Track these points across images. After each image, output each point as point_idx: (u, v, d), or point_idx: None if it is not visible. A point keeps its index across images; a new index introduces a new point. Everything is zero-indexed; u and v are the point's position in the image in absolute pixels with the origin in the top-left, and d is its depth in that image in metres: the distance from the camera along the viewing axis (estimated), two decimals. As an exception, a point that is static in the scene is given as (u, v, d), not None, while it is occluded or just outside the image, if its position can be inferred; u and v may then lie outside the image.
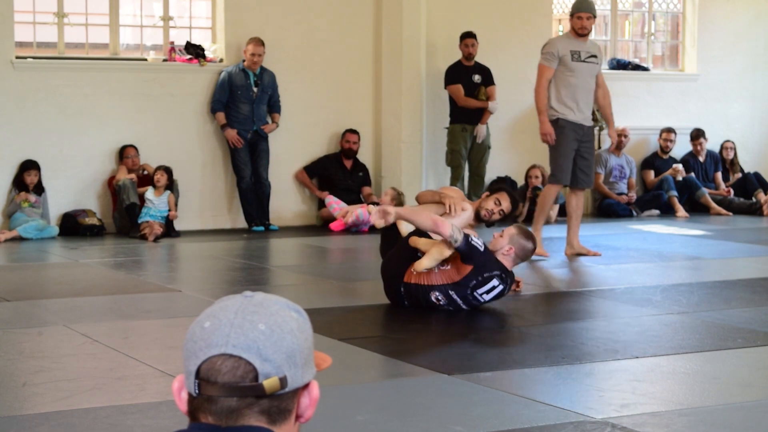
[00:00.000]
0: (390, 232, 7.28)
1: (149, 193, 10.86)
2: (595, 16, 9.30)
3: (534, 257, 8.79)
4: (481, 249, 6.61)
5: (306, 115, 11.97)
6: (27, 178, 10.66)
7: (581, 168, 9.35)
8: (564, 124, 9.19)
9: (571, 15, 9.32)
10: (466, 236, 6.56)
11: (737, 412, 4.54)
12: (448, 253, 6.62)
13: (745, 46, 14.19)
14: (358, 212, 11.01)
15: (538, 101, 9.23)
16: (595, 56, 9.27)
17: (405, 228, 7.14)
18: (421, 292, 6.75)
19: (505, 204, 7.38)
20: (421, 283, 6.74)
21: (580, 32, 9.18)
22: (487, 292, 6.67)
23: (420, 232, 6.91)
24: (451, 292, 6.67)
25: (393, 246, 7.10)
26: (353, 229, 11.24)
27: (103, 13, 11.44)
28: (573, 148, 9.26)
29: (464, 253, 6.56)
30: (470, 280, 6.61)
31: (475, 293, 6.65)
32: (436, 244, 6.70)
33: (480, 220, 7.42)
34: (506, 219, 7.35)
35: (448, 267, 6.71)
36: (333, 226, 11.36)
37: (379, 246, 7.56)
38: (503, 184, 10.65)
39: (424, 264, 6.69)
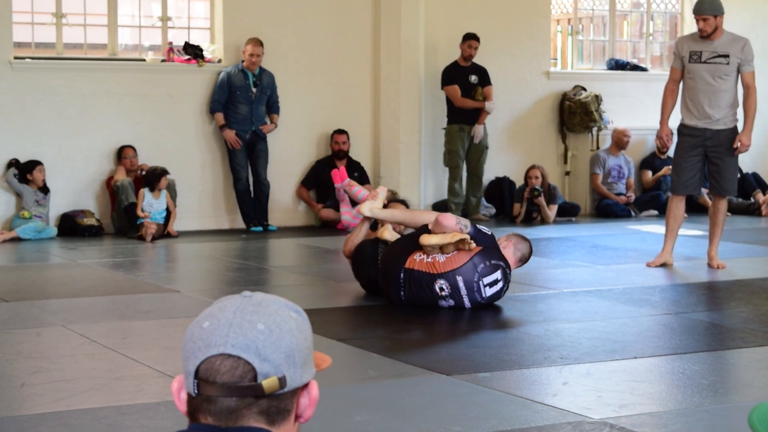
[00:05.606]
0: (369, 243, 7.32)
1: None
2: (716, 16, 8.53)
3: (658, 266, 8.65)
4: (489, 233, 7.00)
5: (304, 116, 11.96)
6: (37, 175, 10.62)
7: (712, 173, 8.85)
8: (681, 129, 8.81)
9: None
10: (473, 223, 6.99)
11: (736, 413, 4.53)
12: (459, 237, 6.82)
13: (744, 47, 14.18)
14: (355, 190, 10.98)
15: (662, 102, 8.90)
16: (724, 56, 8.59)
17: (389, 235, 7.21)
18: (425, 279, 6.76)
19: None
20: (427, 270, 6.76)
21: (700, 34, 8.64)
22: (490, 285, 6.77)
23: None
24: (458, 278, 6.70)
25: (372, 250, 7.19)
26: (344, 224, 11.23)
27: (101, 13, 11.44)
28: (692, 154, 8.73)
29: (474, 237, 6.86)
30: (479, 262, 6.73)
31: (481, 282, 6.72)
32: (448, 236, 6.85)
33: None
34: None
35: (456, 252, 6.77)
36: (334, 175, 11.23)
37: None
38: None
39: (432, 241, 6.79)
